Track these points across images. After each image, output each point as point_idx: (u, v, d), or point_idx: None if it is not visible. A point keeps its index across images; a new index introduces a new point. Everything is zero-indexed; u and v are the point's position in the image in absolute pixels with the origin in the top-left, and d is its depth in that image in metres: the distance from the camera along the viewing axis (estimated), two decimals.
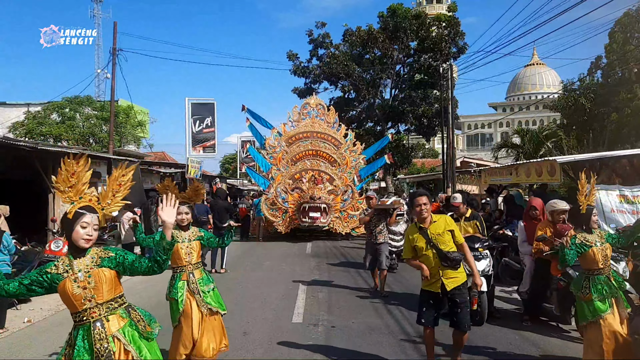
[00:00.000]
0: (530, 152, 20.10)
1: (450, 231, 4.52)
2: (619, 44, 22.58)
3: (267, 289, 8.69)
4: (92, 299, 2.74)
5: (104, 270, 2.80)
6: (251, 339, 5.76)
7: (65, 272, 2.77)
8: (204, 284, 4.67)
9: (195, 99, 23.17)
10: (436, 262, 4.43)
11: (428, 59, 27.60)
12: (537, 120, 65.41)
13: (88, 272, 2.77)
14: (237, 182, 39.60)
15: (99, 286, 2.76)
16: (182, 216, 4.73)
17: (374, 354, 5.25)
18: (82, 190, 2.85)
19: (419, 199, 4.57)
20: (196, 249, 4.73)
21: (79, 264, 2.79)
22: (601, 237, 4.43)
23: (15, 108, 27.67)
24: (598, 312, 4.26)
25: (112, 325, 2.77)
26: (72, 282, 2.73)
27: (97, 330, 2.73)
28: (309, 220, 16.11)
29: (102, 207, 2.92)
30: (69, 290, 2.72)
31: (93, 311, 2.75)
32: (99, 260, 2.83)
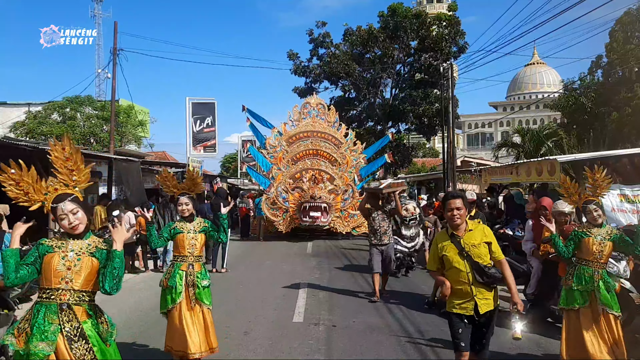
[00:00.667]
0: (531, 151, 20.10)
1: (487, 243, 3.77)
2: (619, 43, 22.58)
3: (268, 289, 8.69)
4: (70, 281, 2.72)
5: (94, 259, 2.79)
6: (252, 338, 5.77)
7: (57, 246, 2.76)
8: (201, 278, 4.67)
9: (195, 99, 23.16)
10: (469, 277, 3.66)
11: (428, 58, 27.59)
12: (537, 120, 65.36)
13: (79, 255, 2.75)
14: (237, 181, 39.60)
15: (81, 272, 2.74)
16: (183, 207, 4.75)
17: (374, 353, 5.26)
18: (41, 186, 2.81)
19: (451, 202, 3.79)
20: (200, 241, 4.73)
21: (74, 244, 2.78)
22: (608, 234, 4.41)
23: (16, 108, 27.70)
24: (572, 302, 4.38)
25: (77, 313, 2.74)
26: (60, 258, 2.72)
27: (65, 311, 2.70)
28: (310, 219, 16.11)
29: (74, 185, 2.88)
30: (54, 264, 2.70)
31: (64, 293, 2.72)
32: (94, 249, 2.82)
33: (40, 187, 2.80)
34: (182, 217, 4.79)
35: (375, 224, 7.86)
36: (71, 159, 2.89)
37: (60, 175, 2.88)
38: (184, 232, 4.67)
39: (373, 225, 7.88)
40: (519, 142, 22.82)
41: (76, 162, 2.92)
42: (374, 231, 7.87)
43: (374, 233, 7.88)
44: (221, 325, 6.29)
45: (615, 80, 22.72)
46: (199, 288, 4.60)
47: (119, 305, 7.47)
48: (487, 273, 3.64)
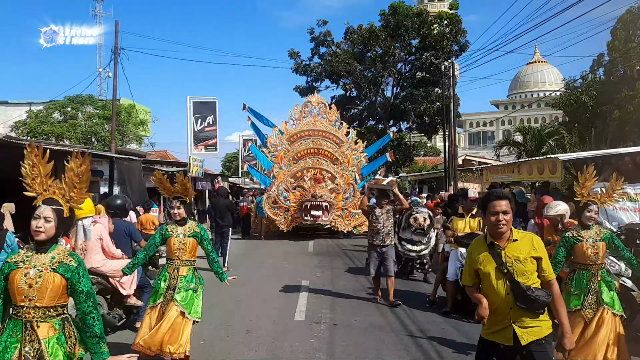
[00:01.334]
0: (532, 150, 20.06)
1: (536, 259, 2.99)
2: (621, 41, 22.53)
3: (270, 287, 8.69)
4: (32, 299, 2.65)
5: (56, 275, 2.69)
6: (254, 337, 5.77)
7: (22, 261, 2.70)
8: (186, 282, 4.64)
9: (196, 98, 23.15)
10: (508, 299, 2.93)
11: (430, 57, 27.57)
12: (539, 118, 65.24)
13: (40, 272, 2.67)
14: (239, 180, 39.61)
15: (43, 289, 2.65)
16: (175, 210, 4.77)
17: (376, 351, 5.26)
18: (46, 182, 2.79)
19: (496, 204, 3.00)
20: (189, 245, 4.71)
21: (37, 260, 2.70)
22: (597, 234, 4.37)
23: (17, 107, 27.71)
24: (568, 305, 4.27)
25: (41, 331, 2.66)
26: (22, 275, 2.65)
27: (28, 331, 2.64)
28: (311, 218, 16.11)
29: (67, 200, 2.84)
30: (16, 282, 2.64)
31: (28, 311, 2.65)
32: (57, 264, 2.72)
33: (44, 182, 2.78)
34: (174, 220, 4.80)
35: (378, 224, 7.31)
36: (80, 177, 2.86)
37: (64, 184, 2.85)
38: (173, 235, 4.70)
39: (376, 225, 7.32)
40: (520, 141, 22.77)
41: (82, 181, 2.87)
42: (377, 231, 7.32)
43: (376, 233, 7.33)
44: (223, 323, 6.32)
45: (617, 79, 22.66)
46: (180, 291, 4.57)
47: None
48: (531, 297, 2.86)
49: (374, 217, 7.36)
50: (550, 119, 44.06)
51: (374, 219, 7.36)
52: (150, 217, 10.49)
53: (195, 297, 4.68)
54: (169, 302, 4.54)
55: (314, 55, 29.78)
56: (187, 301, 4.59)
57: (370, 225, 7.47)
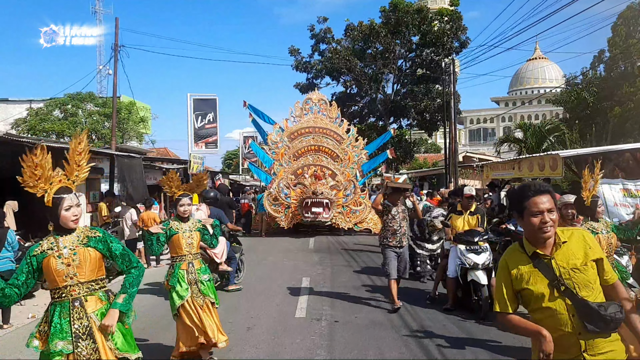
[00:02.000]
0: (533, 146, 20.04)
1: (596, 261, 2.32)
2: (622, 38, 22.50)
3: (270, 284, 8.71)
4: (74, 276, 2.79)
5: (90, 249, 2.86)
6: (255, 334, 5.78)
7: (49, 249, 2.82)
8: (202, 273, 4.76)
9: (197, 95, 23.15)
10: (574, 323, 2.21)
11: (430, 54, 27.52)
12: (539, 115, 65.20)
13: (74, 250, 2.81)
14: (239, 177, 39.62)
15: (82, 265, 2.81)
16: (184, 207, 4.84)
17: (376, 348, 5.27)
18: (50, 176, 2.87)
19: (537, 200, 2.32)
20: (196, 239, 4.82)
21: (64, 241, 2.83)
22: (607, 226, 4.48)
23: (18, 104, 27.68)
24: None
25: (89, 305, 2.82)
26: (57, 258, 2.77)
27: (76, 309, 2.78)
28: (312, 215, 16.11)
29: (73, 180, 2.96)
30: (53, 266, 2.77)
31: (73, 289, 2.79)
32: (86, 239, 2.88)
33: (49, 177, 2.86)
34: (180, 217, 4.85)
35: (395, 223, 6.87)
36: (82, 154, 2.99)
37: (67, 167, 2.96)
38: (180, 232, 4.74)
39: (392, 225, 6.87)
40: (521, 138, 22.75)
41: (84, 159, 3.02)
42: (393, 232, 6.85)
43: (393, 234, 6.86)
44: (224, 320, 6.30)
45: (617, 75, 22.63)
46: (203, 284, 4.70)
47: None
48: (602, 315, 2.14)
49: (390, 216, 6.91)
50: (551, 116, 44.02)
51: (390, 218, 6.90)
52: (151, 214, 10.51)
53: (212, 285, 4.85)
54: (199, 297, 4.63)
55: (314, 52, 29.75)
56: (213, 292, 4.78)
57: (386, 225, 6.96)
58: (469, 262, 6.48)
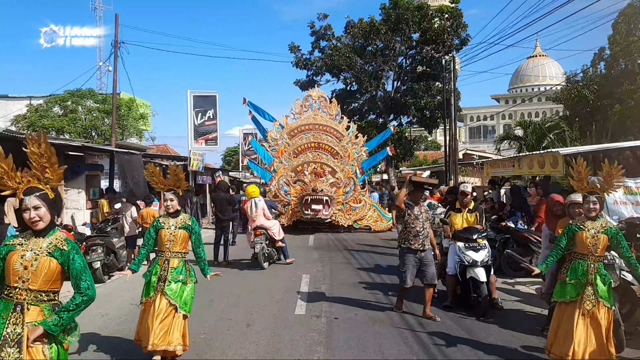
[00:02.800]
0: (533, 144, 20.05)
1: None
2: (622, 36, 22.47)
3: (270, 281, 8.72)
4: (26, 281, 2.71)
5: (52, 260, 2.77)
6: (254, 331, 5.79)
7: (19, 244, 2.78)
8: (176, 273, 4.63)
9: (197, 92, 23.11)
10: None
11: (430, 51, 27.42)
12: (539, 112, 65.17)
13: (37, 255, 2.74)
14: (239, 174, 39.61)
15: (38, 272, 2.72)
16: (167, 203, 4.79)
17: (376, 345, 5.27)
18: (16, 175, 2.79)
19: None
20: (179, 237, 4.72)
21: (35, 243, 2.78)
22: (602, 227, 4.37)
23: (18, 101, 27.63)
24: (564, 295, 4.39)
25: (30, 315, 2.71)
26: (19, 257, 2.73)
27: (16, 313, 2.70)
28: (311, 212, 16.12)
29: (46, 182, 2.87)
30: (12, 263, 2.72)
31: (20, 293, 2.71)
32: (53, 248, 2.79)
33: (13, 176, 2.79)
34: (167, 212, 4.81)
35: (417, 224, 6.29)
36: (45, 156, 2.86)
37: (33, 169, 2.86)
38: (164, 227, 4.72)
39: (414, 226, 6.29)
40: (521, 135, 22.75)
41: (50, 160, 2.88)
42: (416, 234, 6.27)
43: (415, 236, 6.27)
44: (223, 317, 6.34)
45: (618, 73, 22.61)
46: (170, 283, 4.57)
47: (121, 298, 7.52)
48: None
49: (413, 216, 6.33)
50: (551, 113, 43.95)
51: (412, 218, 6.32)
52: (151, 211, 10.49)
53: (184, 289, 4.65)
54: (158, 294, 4.55)
55: (314, 49, 29.64)
56: (177, 293, 4.58)
57: (407, 226, 6.37)
58: (468, 259, 6.48)
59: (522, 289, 7.95)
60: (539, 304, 6.66)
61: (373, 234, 16.59)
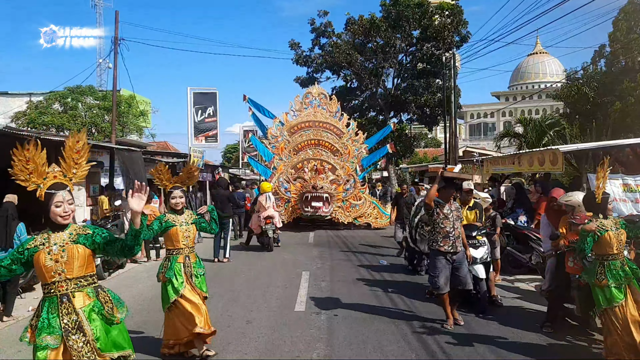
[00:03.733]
0: (533, 141, 20.02)
1: None
2: (622, 33, 22.42)
3: (270, 278, 8.73)
4: (62, 272, 2.81)
5: (79, 246, 2.87)
6: (254, 327, 5.81)
7: (41, 244, 2.85)
8: (197, 267, 4.80)
9: (197, 89, 23.09)
10: None
11: (431, 48, 27.41)
12: (540, 110, 65.06)
13: (63, 247, 2.83)
14: (239, 171, 39.63)
15: (70, 261, 2.83)
16: (177, 200, 4.84)
17: (376, 342, 5.29)
18: (43, 171, 2.88)
19: None
20: (193, 232, 4.83)
21: (55, 238, 2.86)
22: (616, 224, 4.46)
23: (18, 98, 27.63)
24: (614, 300, 4.30)
25: (77, 302, 2.83)
26: (46, 254, 2.80)
27: (64, 304, 2.80)
28: (312, 209, 16.13)
29: (70, 177, 2.98)
30: (42, 261, 2.80)
31: (61, 285, 2.81)
32: (76, 236, 2.90)
33: (42, 172, 2.88)
34: (174, 209, 4.85)
35: (447, 224, 5.73)
36: (80, 152, 3.00)
37: (64, 164, 2.97)
38: (177, 225, 4.73)
39: (444, 226, 5.73)
40: (521, 132, 22.73)
41: (83, 157, 3.02)
42: (446, 235, 5.71)
43: (445, 237, 5.71)
44: (223, 314, 6.36)
45: (618, 70, 22.57)
46: (197, 277, 4.74)
47: (122, 294, 7.50)
48: None
49: (442, 215, 5.79)
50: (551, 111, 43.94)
51: (441, 218, 5.78)
52: (151, 208, 10.50)
53: (205, 279, 4.89)
54: (192, 289, 4.66)
55: (314, 46, 29.61)
56: (204, 285, 4.81)
57: (436, 226, 5.81)
58: None
59: (522, 286, 7.97)
60: (538, 301, 6.67)
61: (373, 231, 16.61)
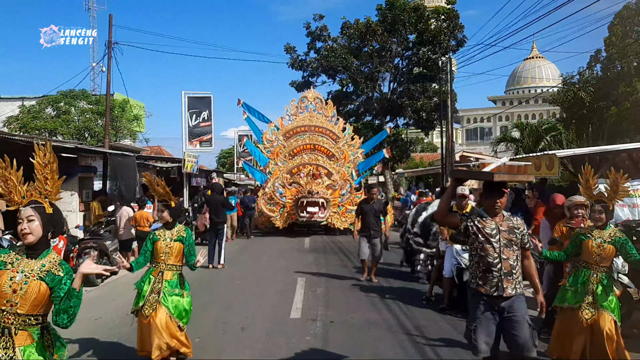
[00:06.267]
0: (530, 146, 20.05)
1: None
2: (618, 37, 22.50)
3: (265, 284, 8.63)
4: (15, 305, 2.56)
5: (42, 284, 2.61)
6: (249, 334, 5.71)
7: (10, 263, 2.62)
8: (170, 287, 4.61)
9: (191, 93, 22.91)
10: None
11: (427, 52, 27.43)
12: (536, 114, 65.36)
13: (27, 278, 2.59)
14: (234, 176, 39.49)
15: (27, 297, 2.57)
16: (160, 214, 4.87)
17: (372, 348, 5.21)
18: (21, 190, 2.68)
19: None
20: (175, 249, 4.70)
21: (26, 264, 2.63)
22: (610, 237, 4.27)
23: (10, 102, 27.42)
24: (564, 301, 4.40)
25: (18, 339, 2.57)
26: (8, 278, 2.56)
27: (4, 337, 2.55)
28: (307, 215, 16.04)
29: (45, 195, 2.76)
30: (0, 284, 2.55)
31: (7, 317, 2.56)
32: (45, 273, 2.64)
33: (21, 190, 2.69)
34: (162, 224, 4.85)
35: (489, 250, 3.54)
36: (48, 166, 2.77)
37: (37, 181, 2.76)
38: (160, 239, 4.71)
39: (484, 253, 3.55)
40: (517, 137, 22.77)
41: (52, 171, 2.79)
42: (487, 268, 3.55)
43: (486, 271, 3.56)
44: (218, 321, 6.26)
45: (614, 75, 22.63)
46: (165, 296, 4.54)
47: (114, 302, 7.41)
48: None
49: (482, 237, 3.57)
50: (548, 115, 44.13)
51: (481, 241, 3.56)
52: (144, 213, 10.39)
53: (183, 303, 4.64)
54: (154, 306, 4.50)
55: (310, 50, 29.58)
56: (176, 308, 4.57)
57: (473, 253, 3.66)
58: (464, 261, 6.41)
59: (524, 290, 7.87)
60: (535, 307, 6.57)
61: None
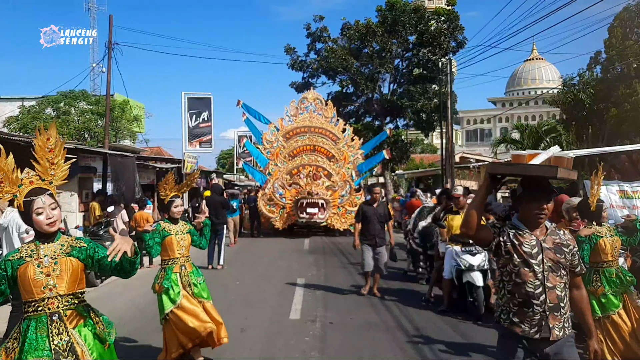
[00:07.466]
0: (530, 147, 20.02)
1: None
2: (618, 39, 22.48)
3: (265, 285, 8.62)
4: (54, 288, 2.54)
5: (72, 259, 2.61)
6: (249, 336, 5.70)
7: (28, 256, 2.57)
8: (195, 275, 4.74)
9: (191, 94, 22.97)
10: None
11: (427, 53, 27.43)
12: (536, 116, 65.30)
13: (55, 259, 2.57)
14: (233, 177, 39.48)
15: (63, 275, 2.56)
16: (179, 208, 4.83)
17: (371, 350, 5.20)
18: (16, 177, 2.60)
19: None
20: (188, 241, 4.79)
21: (45, 249, 2.60)
22: (610, 231, 4.42)
23: (10, 102, 27.37)
24: (609, 308, 4.25)
25: (70, 320, 2.57)
26: (35, 266, 2.53)
27: (55, 323, 2.52)
28: (307, 216, 16.02)
29: (50, 180, 2.70)
30: (30, 275, 2.51)
31: (52, 302, 2.53)
32: (69, 248, 2.64)
33: (15, 179, 2.60)
34: (171, 218, 4.80)
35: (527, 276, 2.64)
36: (54, 151, 2.71)
37: (39, 166, 2.68)
38: (172, 234, 4.68)
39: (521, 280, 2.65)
40: (517, 138, 22.76)
41: (58, 155, 2.73)
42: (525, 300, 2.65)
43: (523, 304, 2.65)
44: None
45: (614, 77, 22.61)
46: (196, 286, 4.68)
47: (114, 302, 7.40)
48: None
49: (518, 256, 2.69)
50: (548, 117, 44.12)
51: (517, 261, 2.68)
52: (144, 214, 10.39)
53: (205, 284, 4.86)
54: (191, 299, 4.59)
55: (310, 51, 29.57)
56: (207, 292, 4.80)
57: (505, 278, 2.77)
58: (464, 263, 6.41)
59: None
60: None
61: None
